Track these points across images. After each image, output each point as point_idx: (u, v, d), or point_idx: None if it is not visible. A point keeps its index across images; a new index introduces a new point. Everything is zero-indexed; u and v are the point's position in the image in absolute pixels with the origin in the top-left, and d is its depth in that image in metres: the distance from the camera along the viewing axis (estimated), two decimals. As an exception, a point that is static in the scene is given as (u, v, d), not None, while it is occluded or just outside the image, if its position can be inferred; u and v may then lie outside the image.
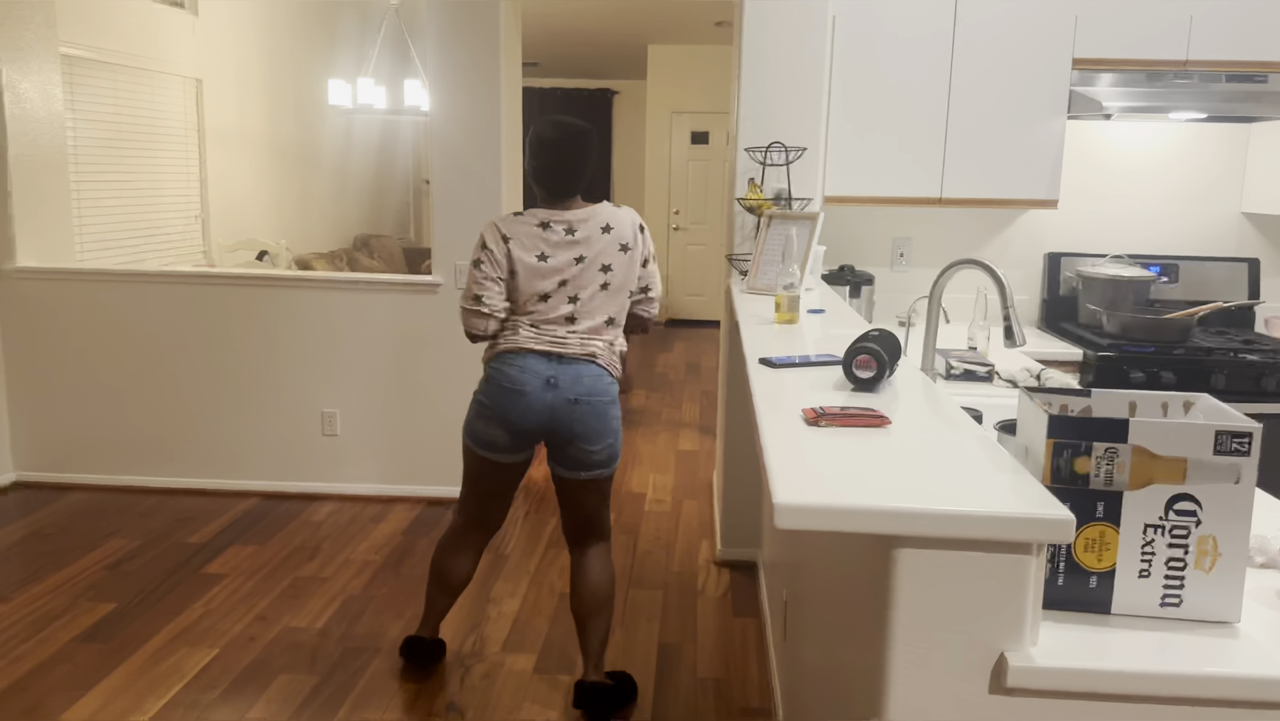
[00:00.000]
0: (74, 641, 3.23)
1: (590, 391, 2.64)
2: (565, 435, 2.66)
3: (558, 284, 2.65)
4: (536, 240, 2.65)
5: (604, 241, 2.66)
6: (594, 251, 2.65)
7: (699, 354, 8.53)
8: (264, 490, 4.68)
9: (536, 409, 2.64)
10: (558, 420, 2.65)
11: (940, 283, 2.32)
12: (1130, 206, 4.03)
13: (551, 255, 2.65)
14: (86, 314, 4.60)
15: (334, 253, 7.76)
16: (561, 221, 2.66)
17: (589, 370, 2.66)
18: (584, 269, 2.65)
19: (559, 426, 2.66)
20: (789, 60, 3.62)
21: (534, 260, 2.64)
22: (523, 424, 2.66)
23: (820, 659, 1.91)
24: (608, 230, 2.67)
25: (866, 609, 1.41)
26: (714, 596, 3.68)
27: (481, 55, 4.26)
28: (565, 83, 11.04)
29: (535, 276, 2.65)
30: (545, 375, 2.64)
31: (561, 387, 2.63)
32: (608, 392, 2.68)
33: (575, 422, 2.64)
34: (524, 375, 2.64)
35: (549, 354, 2.65)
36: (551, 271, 2.64)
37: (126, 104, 5.57)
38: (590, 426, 2.65)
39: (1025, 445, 1.45)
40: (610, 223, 2.68)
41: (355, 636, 3.32)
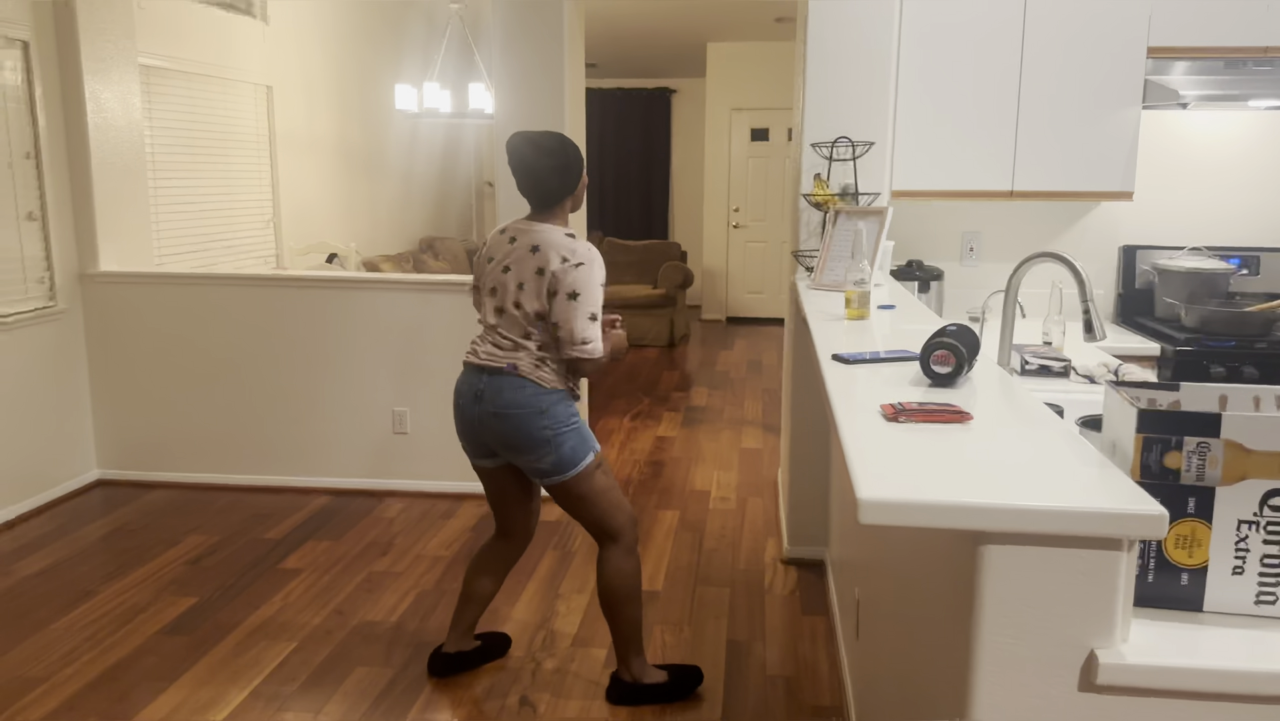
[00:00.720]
0: (159, 634, 3.34)
1: (510, 404, 2.63)
2: (499, 446, 2.71)
3: (490, 289, 2.72)
4: (493, 244, 2.75)
5: (528, 260, 2.63)
6: (516, 265, 2.65)
7: (760, 351, 8.51)
8: (337, 487, 4.78)
9: (470, 420, 2.71)
10: (487, 432, 2.69)
11: (1017, 276, 2.29)
12: (1207, 197, 3.93)
13: (492, 259, 2.72)
14: (165, 316, 4.74)
15: (400, 254, 7.88)
16: (512, 229, 2.72)
17: (509, 382, 2.64)
18: (507, 279, 2.67)
19: (490, 439, 2.70)
20: (855, 53, 3.59)
21: (485, 262, 2.75)
22: (467, 434, 2.75)
23: (897, 658, 1.90)
24: (535, 251, 2.62)
25: (949, 606, 1.40)
26: (781, 594, 3.67)
27: (545, 57, 4.30)
28: (624, 83, 11.08)
29: (482, 279, 2.75)
30: (475, 389, 2.69)
31: (485, 401, 2.66)
32: (530, 404, 2.62)
33: (501, 435, 2.66)
34: (461, 387, 2.74)
35: (480, 367, 2.70)
36: (488, 276, 2.72)
37: (201, 111, 5.72)
38: (515, 439, 2.65)
39: (1113, 440, 1.43)
40: (540, 244, 2.62)
41: (429, 630, 3.37)
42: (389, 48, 8.27)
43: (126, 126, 4.79)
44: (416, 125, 8.75)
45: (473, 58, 8.65)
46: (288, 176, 6.67)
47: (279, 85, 6.51)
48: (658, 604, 3.58)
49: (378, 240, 8.29)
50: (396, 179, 8.58)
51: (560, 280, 2.57)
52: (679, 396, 6.82)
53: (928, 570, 1.57)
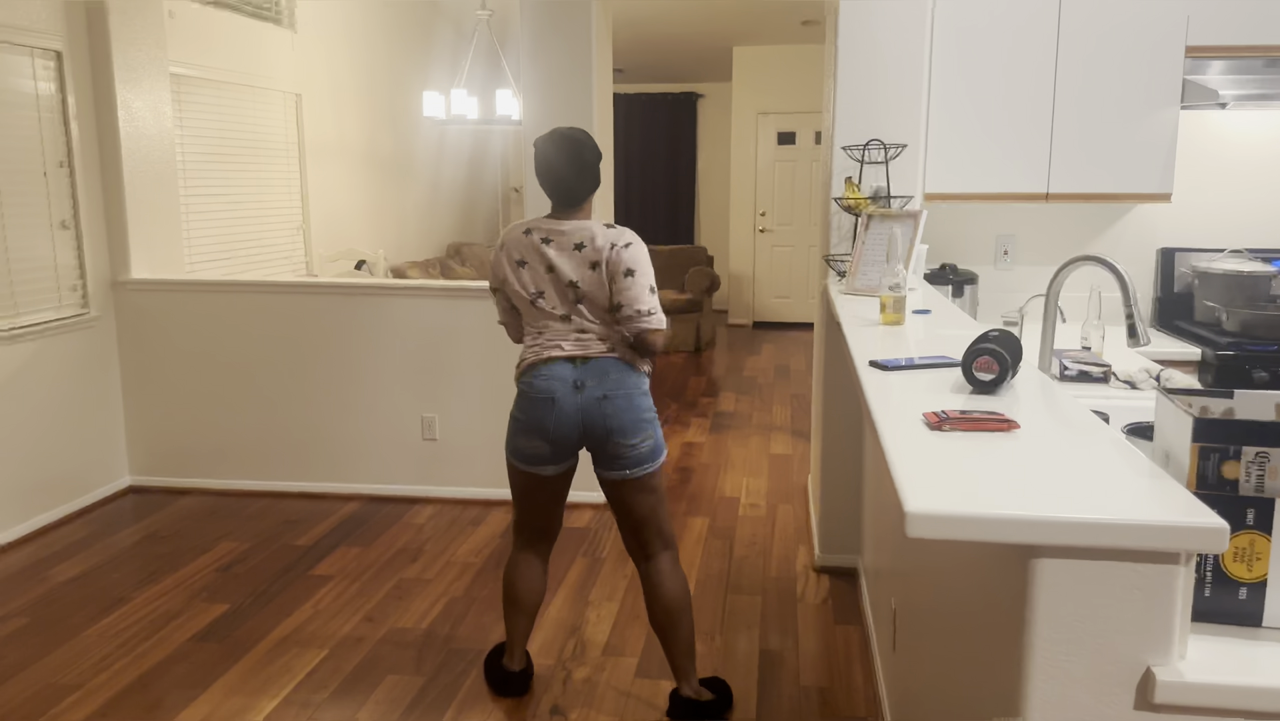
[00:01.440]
0: (191, 640, 3.34)
1: (618, 385, 2.64)
2: (601, 433, 2.66)
3: (537, 291, 2.68)
4: (519, 246, 2.70)
5: (574, 258, 2.64)
6: (561, 265, 2.64)
7: (787, 356, 8.45)
8: (366, 493, 4.79)
9: (569, 413, 2.65)
10: (591, 419, 2.65)
11: (1058, 280, 2.25)
12: (1246, 199, 3.86)
13: (527, 262, 2.69)
14: (197, 323, 4.77)
15: (428, 261, 7.91)
16: (542, 230, 2.69)
17: (612, 365, 2.66)
18: (554, 280, 2.66)
19: (593, 425, 2.65)
20: (887, 55, 3.56)
21: (515, 266, 2.70)
22: (559, 431, 2.67)
23: (939, 673, 1.86)
24: (579, 249, 2.64)
25: (997, 621, 1.36)
26: (814, 603, 3.63)
27: (574, 62, 4.29)
28: (649, 88, 11.07)
29: (517, 283, 2.70)
30: (571, 379, 2.65)
31: (588, 387, 2.64)
32: (637, 385, 2.67)
33: (608, 418, 2.64)
34: (550, 383, 2.66)
35: (571, 357, 2.67)
36: (531, 280, 2.68)
37: (231, 120, 5.76)
38: (624, 420, 2.64)
39: (1165, 449, 1.39)
40: (584, 241, 2.64)
41: (459, 637, 3.36)
42: (416, 55, 8.30)
43: (158, 135, 4.82)
44: (444, 132, 8.78)
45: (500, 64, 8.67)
46: (316, 184, 6.71)
47: (308, 93, 6.54)
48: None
49: (405, 246, 8.32)
50: (424, 185, 8.61)
51: (616, 263, 2.61)
52: (707, 402, 6.79)
53: (973, 583, 1.53)
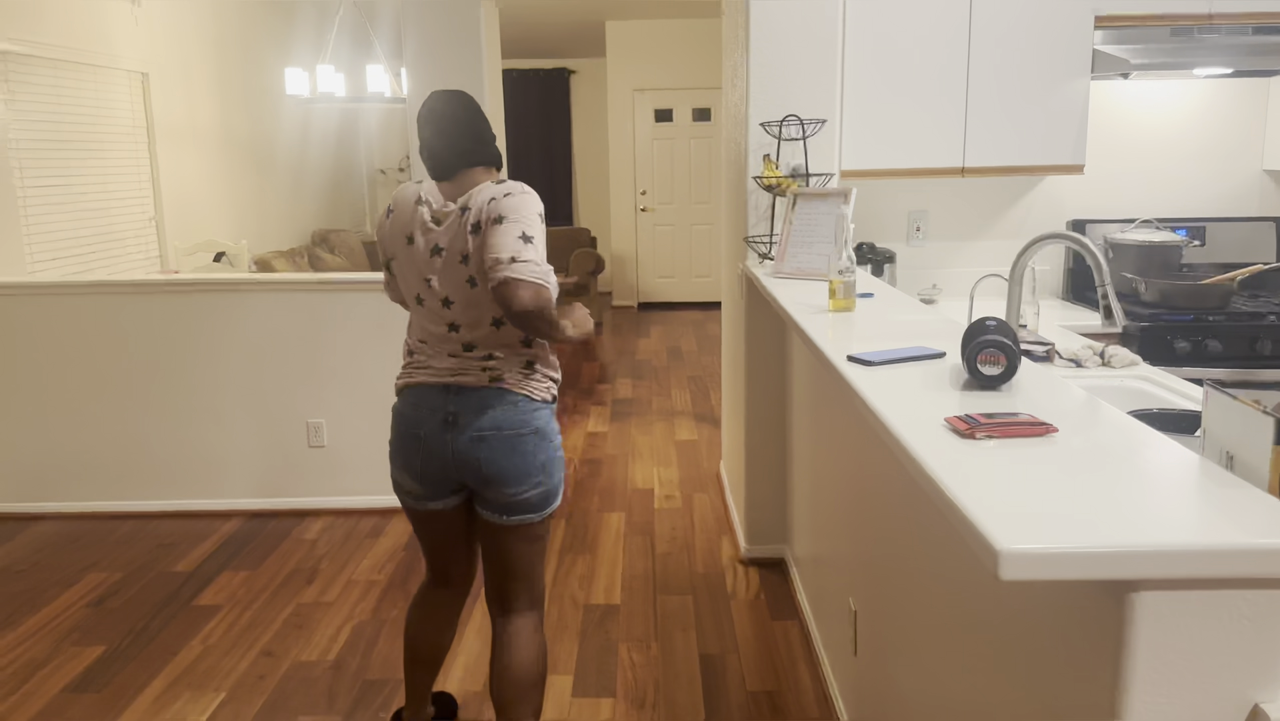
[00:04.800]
0: (64, 692, 2.95)
1: (500, 424, 2.15)
2: (477, 478, 2.19)
3: (425, 282, 2.19)
4: (410, 219, 2.20)
5: (457, 226, 2.14)
6: (448, 240, 2.15)
7: (677, 338, 8.33)
8: (249, 509, 4.39)
9: (437, 452, 2.19)
10: (464, 462, 2.18)
11: (1023, 260, 2.13)
12: (1150, 168, 3.89)
13: (416, 241, 2.18)
14: (42, 330, 4.26)
15: (294, 250, 7.41)
16: (432, 205, 2.19)
17: (495, 396, 2.16)
18: (444, 263, 2.16)
19: (467, 469, 2.19)
20: (800, 29, 3.40)
21: (403, 242, 2.21)
22: (426, 469, 2.22)
23: (948, 694, 1.71)
24: (464, 211, 2.13)
25: (1062, 653, 1.21)
26: (746, 599, 3.48)
27: (462, 35, 3.99)
28: (519, 64, 10.72)
29: (405, 267, 2.22)
30: (443, 412, 2.18)
31: (461, 424, 2.16)
32: (525, 423, 2.17)
33: (485, 463, 2.16)
34: (417, 414, 2.21)
35: (446, 386, 2.19)
36: (418, 266, 2.20)
37: (70, 102, 5.19)
38: (504, 465, 2.16)
39: (1225, 450, 1.26)
40: (468, 203, 2.13)
41: (372, 666, 3.07)
42: (276, 29, 7.75)
43: (-14, 119, 4.28)
44: (308, 111, 8.25)
45: (368, 38, 8.19)
46: (169, 170, 6.15)
47: (155, 71, 5.98)
48: (619, 619, 3.35)
49: (268, 235, 7.78)
50: (287, 169, 8.07)
51: (489, 215, 2.09)
52: (603, 389, 6.59)
53: (1024, 609, 1.38)
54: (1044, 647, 1.27)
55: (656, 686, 2.93)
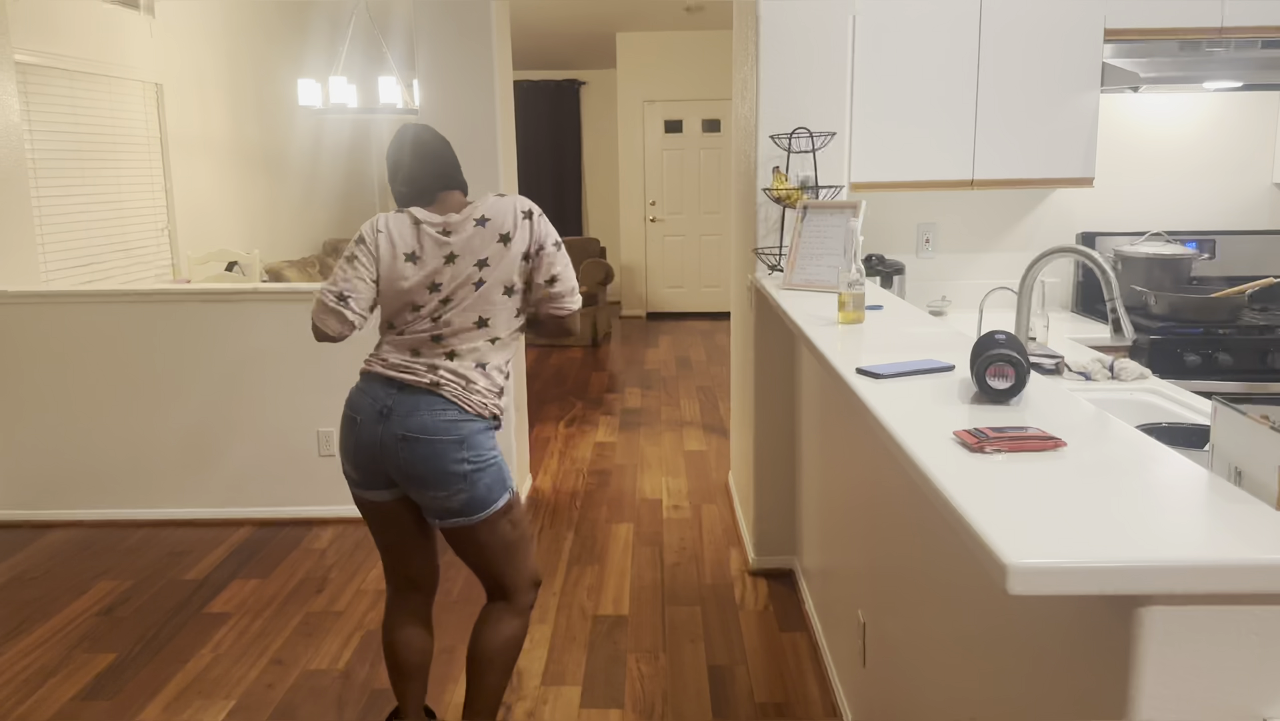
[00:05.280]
0: (75, 700, 2.96)
1: (425, 428, 2.24)
2: (403, 477, 2.29)
3: (428, 288, 2.31)
4: (409, 238, 2.33)
5: (479, 234, 2.31)
6: (466, 246, 2.31)
7: (686, 348, 8.34)
8: (259, 517, 4.41)
9: (366, 441, 2.29)
10: (389, 458, 2.27)
11: (1033, 271, 2.14)
12: (1160, 182, 3.89)
13: (422, 255, 2.31)
14: (56, 339, 4.29)
15: (305, 259, 7.45)
16: (436, 222, 2.34)
17: (430, 402, 2.26)
18: (456, 267, 2.31)
19: (393, 466, 2.28)
20: (811, 42, 3.42)
21: (403, 260, 2.32)
22: (357, 457, 2.31)
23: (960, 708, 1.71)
24: (483, 222, 2.32)
25: (1070, 668, 1.21)
26: (755, 610, 3.48)
27: (474, 46, 4.02)
28: (530, 75, 10.77)
29: (402, 279, 2.32)
30: (379, 405, 2.28)
31: (393, 420, 2.26)
32: (451, 431, 2.26)
33: (408, 464, 2.25)
34: (359, 400, 2.31)
35: (391, 380, 2.30)
36: (425, 276, 2.31)
37: (85, 113, 5.24)
38: (425, 469, 2.25)
39: (1234, 466, 1.27)
40: (486, 214, 2.33)
41: (381, 676, 3.08)
42: (289, 41, 7.81)
43: (3, 130, 4.31)
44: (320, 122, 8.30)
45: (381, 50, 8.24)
46: (182, 181, 6.20)
47: (169, 83, 6.03)
48: (627, 630, 3.35)
49: (279, 244, 7.83)
50: (298, 179, 8.12)
51: (541, 234, 2.35)
52: (612, 399, 6.60)
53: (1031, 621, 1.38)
54: (1051, 662, 1.27)
55: (665, 697, 2.93)
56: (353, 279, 2.32)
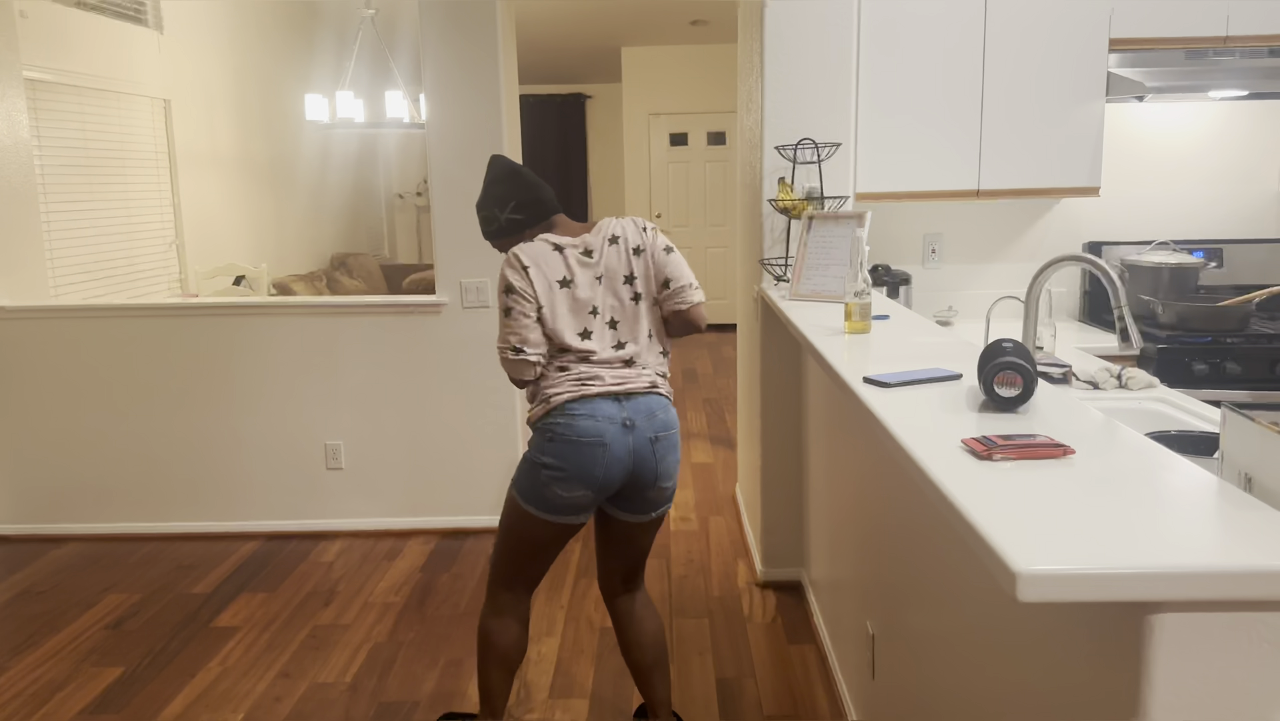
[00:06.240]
0: (82, 714, 2.96)
1: (666, 425, 2.41)
2: (650, 477, 2.40)
3: (590, 312, 2.40)
4: (557, 265, 2.39)
5: (615, 252, 2.43)
6: (608, 267, 2.42)
7: (692, 360, 8.33)
8: (267, 530, 4.41)
9: (620, 456, 2.35)
10: (642, 462, 2.38)
11: (1040, 280, 2.13)
12: (1167, 190, 3.89)
13: (574, 280, 2.39)
14: (65, 353, 4.31)
15: (312, 274, 7.47)
16: (574, 244, 2.42)
17: (658, 403, 2.42)
18: (607, 288, 2.42)
19: (644, 469, 2.39)
20: (815, 53, 3.43)
21: (558, 288, 2.38)
22: (608, 476, 2.35)
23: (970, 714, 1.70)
24: (615, 241, 2.44)
25: (1081, 677, 1.21)
26: (763, 622, 3.47)
27: (480, 60, 4.03)
28: (536, 89, 10.81)
29: (564, 306, 2.38)
30: (620, 417, 2.35)
31: (638, 428, 2.36)
32: (676, 423, 2.48)
33: (660, 460, 2.40)
34: (598, 424, 2.32)
35: (615, 394, 2.37)
36: (582, 301, 2.39)
37: (94, 129, 5.27)
38: (671, 460, 2.44)
39: (1244, 472, 1.26)
40: (615, 232, 2.45)
41: (389, 690, 3.07)
42: (296, 56, 7.85)
43: (13, 146, 4.34)
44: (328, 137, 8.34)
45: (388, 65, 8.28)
46: (190, 195, 6.23)
47: (177, 98, 6.07)
48: (635, 642, 3.34)
49: (287, 259, 7.86)
50: (306, 194, 8.15)
51: (654, 243, 2.46)
52: (619, 411, 6.59)
53: (1031, 627, 1.37)
54: (1062, 671, 1.26)
55: (674, 710, 2.91)
56: (521, 327, 2.36)
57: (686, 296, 2.44)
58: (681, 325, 2.49)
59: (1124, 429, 1.50)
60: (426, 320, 4.25)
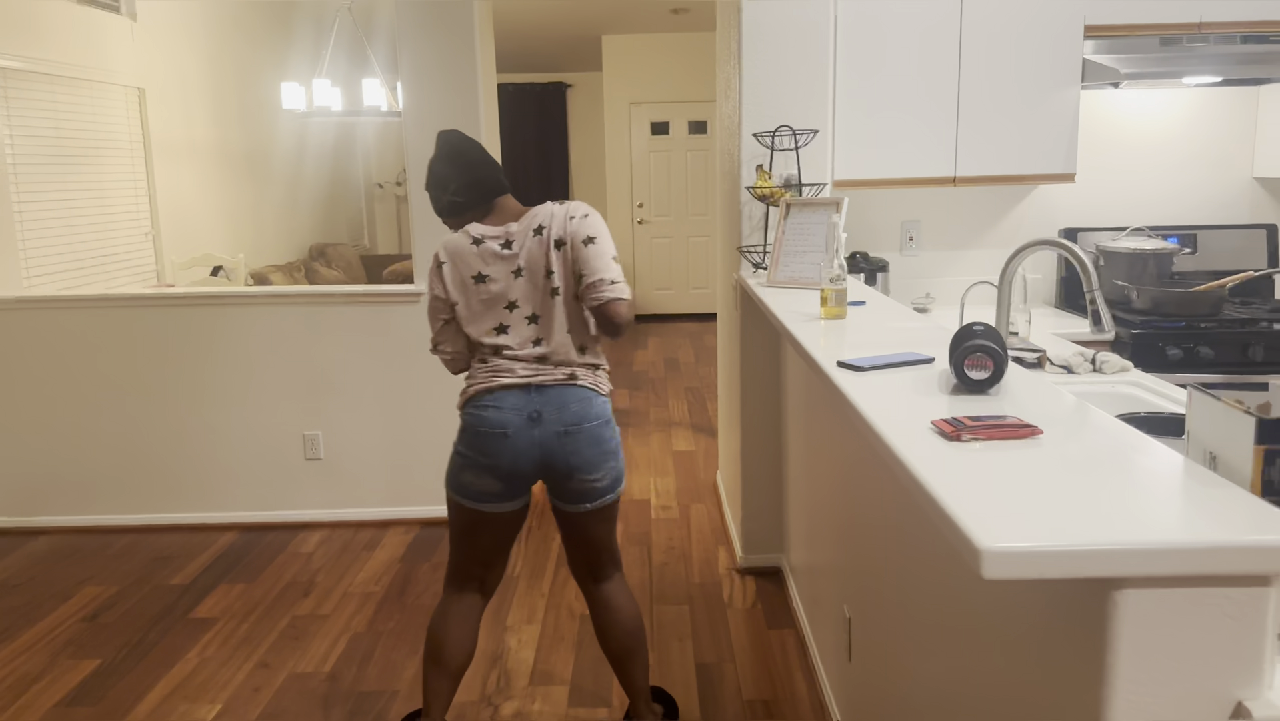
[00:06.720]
0: (58, 706, 2.94)
1: (579, 418, 2.34)
2: (563, 470, 2.37)
3: (506, 306, 2.37)
4: (472, 260, 2.37)
5: (537, 244, 2.36)
6: (529, 259, 2.36)
7: (674, 349, 8.34)
8: (246, 522, 4.39)
9: (525, 448, 2.33)
10: (550, 456, 2.35)
11: (1012, 265, 2.14)
12: (1142, 177, 3.91)
13: (489, 275, 2.36)
14: (39, 344, 4.27)
15: (291, 264, 7.43)
16: (495, 235, 2.38)
17: (574, 395, 2.36)
18: (528, 281, 2.36)
19: (554, 462, 2.36)
20: (793, 40, 3.43)
21: (472, 284, 2.37)
22: (515, 466, 2.35)
23: (935, 694, 1.71)
24: (539, 232, 2.36)
25: (1048, 654, 1.22)
26: (743, 608, 3.48)
27: (457, 49, 4.01)
28: (516, 78, 10.77)
29: (479, 303, 2.37)
30: (527, 410, 2.33)
31: (546, 421, 2.33)
32: (599, 414, 2.38)
33: (570, 455, 2.35)
34: (501, 416, 2.33)
35: (525, 386, 2.35)
36: (497, 295, 2.36)
37: (67, 118, 5.22)
38: (586, 456, 2.36)
39: (1209, 451, 1.27)
40: (542, 223, 2.37)
41: (368, 679, 3.07)
42: (272, 44, 7.79)
43: (-17, 135, 4.29)
44: (305, 125, 8.28)
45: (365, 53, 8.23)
46: (165, 185, 6.18)
47: (152, 87, 6.01)
48: (615, 629, 3.35)
49: (264, 249, 7.80)
50: (283, 183, 8.10)
51: (576, 233, 2.35)
52: (600, 400, 6.59)
53: (1007, 608, 1.38)
54: (1031, 648, 1.27)
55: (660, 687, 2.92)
56: (438, 330, 2.44)
57: (600, 292, 2.31)
58: (600, 322, 2.35)
59: (1093, 410, 1.51)
60: (405, 310, 4.23)
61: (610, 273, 2.32)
